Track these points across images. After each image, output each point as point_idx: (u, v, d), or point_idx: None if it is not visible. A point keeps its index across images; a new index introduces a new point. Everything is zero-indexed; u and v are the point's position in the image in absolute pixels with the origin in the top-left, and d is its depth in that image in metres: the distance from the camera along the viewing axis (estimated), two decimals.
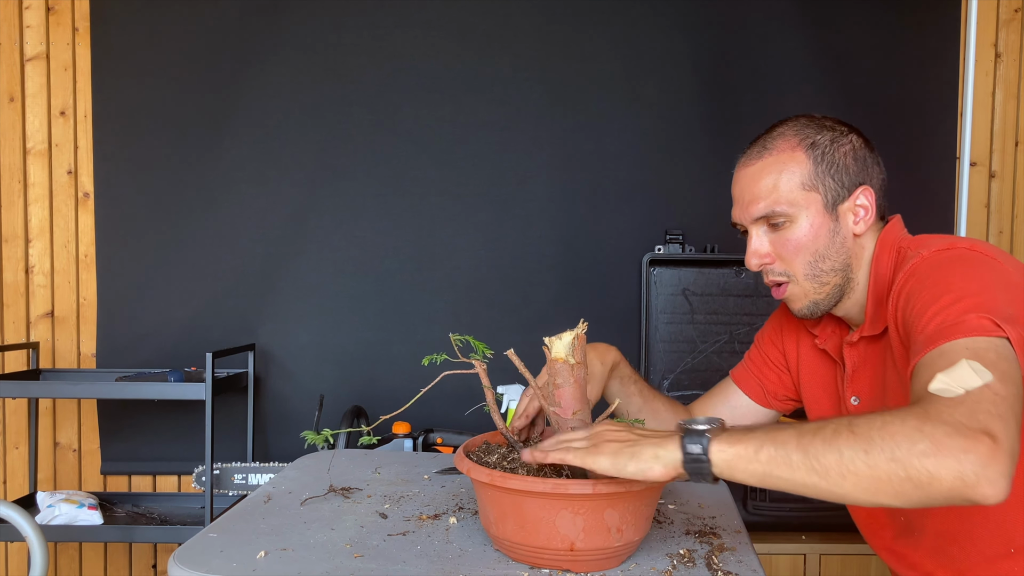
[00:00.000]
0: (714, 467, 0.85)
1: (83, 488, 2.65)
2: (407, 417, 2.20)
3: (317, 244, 2.62)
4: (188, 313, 2.61)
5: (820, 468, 0.81)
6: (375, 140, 2.61)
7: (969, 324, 0.90)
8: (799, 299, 1.17)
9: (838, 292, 1.16)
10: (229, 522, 1.13)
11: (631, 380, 1.33)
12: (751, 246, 1.17)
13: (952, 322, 0.91)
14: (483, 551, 1.02)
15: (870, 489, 0.80)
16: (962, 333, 0.89)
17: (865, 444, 0.80)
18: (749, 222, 1.16)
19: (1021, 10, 2.64)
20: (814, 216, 1.13)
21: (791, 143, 1.15)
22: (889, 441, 0.79)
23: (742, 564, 1.00)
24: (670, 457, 0.86)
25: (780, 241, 1.14)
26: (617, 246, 2.60)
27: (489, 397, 1.06)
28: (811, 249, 1.13)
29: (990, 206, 2.65)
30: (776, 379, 1.35)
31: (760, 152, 1.16)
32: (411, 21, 2.60)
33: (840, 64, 2.59)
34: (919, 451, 0.77)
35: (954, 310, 0.92)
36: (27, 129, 2.64)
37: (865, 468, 0.79)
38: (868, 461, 0.79)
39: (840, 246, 1.14)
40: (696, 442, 0.86)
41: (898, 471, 0.78)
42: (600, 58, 2.61)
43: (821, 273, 1.14)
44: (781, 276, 1.16)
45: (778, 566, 2.32)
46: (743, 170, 1.18)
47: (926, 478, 0.77)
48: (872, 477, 0.79)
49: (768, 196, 1.13)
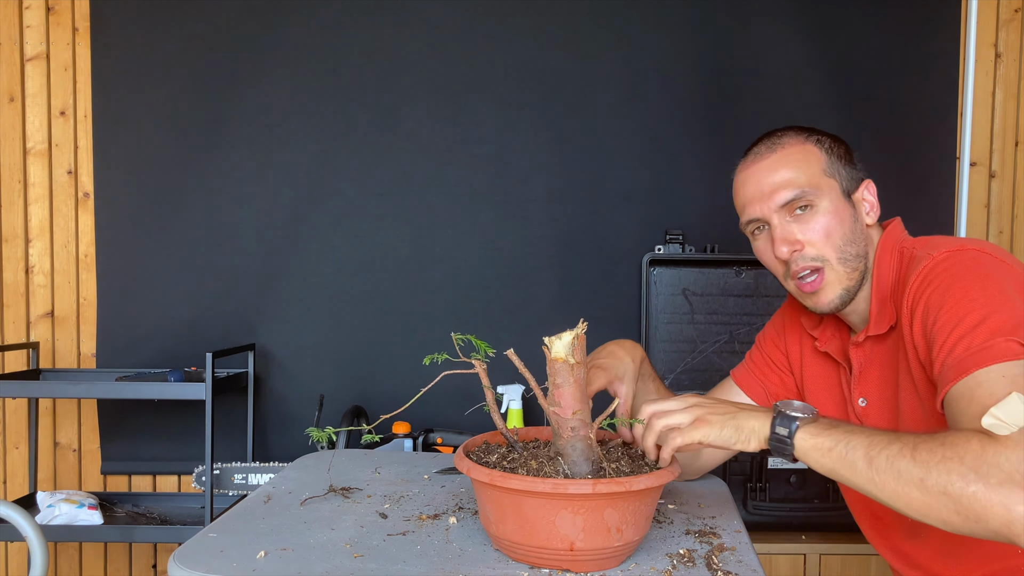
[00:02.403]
0: (796, 450, 0.96)
1: (83, 488, 2.65)
2: (407, 417, 2.20)
3: (317, 244, 2.62)
4: (188, 313, 2.61)
5: (879, 481, 0.89)
6: (375, 140, 2.61)
7: (999, 349, 0.92)
8: (834, 285, 1.15)
9: (861, 281, 1.16)
10: (229, 522, 1.13)
11: (651, 378, 1.34)
12: (778, 234, 1.15)
13: (980, 347, 0.93)
14: (483, 551, 1.02)
15: (920, 512, 0.88)
16: (993, 359, 0.91)
17: (923, 473, 0.86)
18: (773, 211, 1.15)
19: (1021, 10, 2.64)
20: (836, 201, 1.15)
21: (800, 139, 1.18)
22: (945, 476, 0.84)
23: (742, 564, 1.00)
24: (764, 433, 0.99)
25: (806, 228, 1.14)
26: (617, 246, 2.60)
27: (489, 397, 1.06)
28: (839, 232, 1.14)
29: (990, 206, 2.65)
30: (778, 380, 1.35)
31: (772, 148, 1.18)
32: (411, 21, 2.60)
33: (840, 64, 2.59)
34: (971, 493, 0.83)
35: (980, 333, 0.94)
36: (27, 129, 2.64)
37: (918, 494, 0.86)
38: (922, 489, 0.86)
39: (860, 233, 1.16)
40: (786, 426, 0.97)
41: (949, 504, 0.84)
42: (600, 58, 2.61)
43: (851, 258, 1.15)
44: (815, 261, 1.14)
45: (778, 566, 2.32)
46: (754, 166, 1.19)
47: (974, 517, 0.83)
48: (924, 503, 0.86)
49: (793, 182, 1.15)
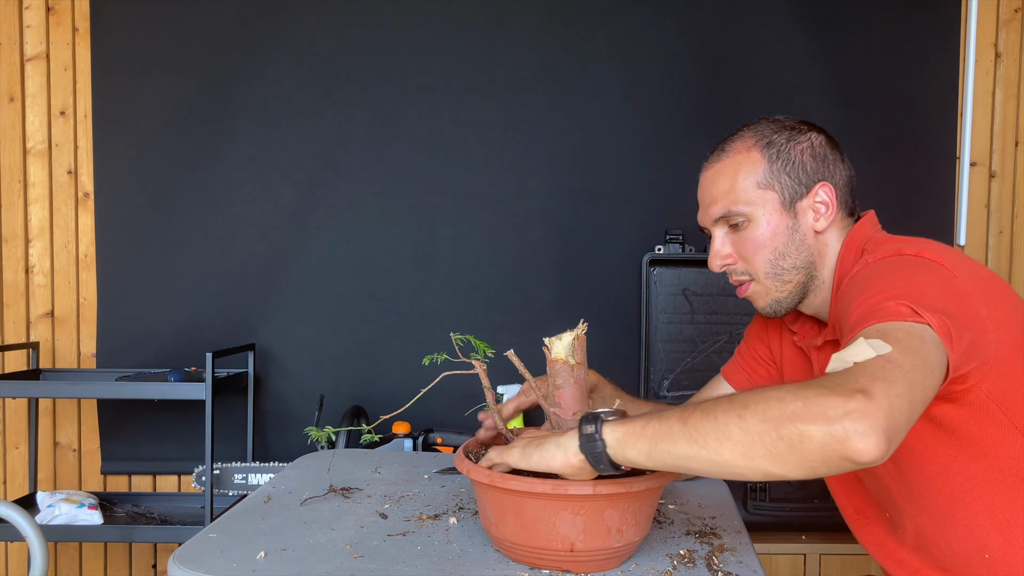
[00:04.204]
0: (608, 448, 0.88)
1: (83, 488, 2.65)
2: (407, 417, 2.20)
3: (317, 244, 2.62)
4: (188, 313, 2.61)
5: (699, 437, 0.82)
6: (375, 140, 2.61)
7: (887, 310, 0.89)
8: (761, 297, 1.17)
9: (801, 290, 1.16)
10: (229, 522, 1.13)
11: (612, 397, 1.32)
12: (713, 247, 1.19)
13: (870, 310, 0.90)
14: (483, 551, 1.02)
15: (747, 453, 0.80)
16: (877, 319, 0.88)
17: (740, 410, 0.81)
18: (710, 224, 1.18)
19: (1021, 10, 2.64)
20: (771, 214, 1.14)
21: (747, 144, 1.17)
22: (763, 404, 0.80)
23: (742, 564, 1.00)
24: (570, 444, 0.91)
25: (740, 241, 1.16)
26: (617, 246, 2.60)
27: (489, 397, 1.06)
28: (770, 247, 1.14)
29: (990, 206, 2.65)
30: (765, 373, 1.35)
31: (719, 155, 1.19)
32: (411, 21, 2.60)
33: (840, 64, 2.59)
34: (790, 412, 0.77)
35: (875, 299, 0.92)
36: (27, 129, 2.64)
37: (739, 432, 0.80)
38: (742, 425, 0.80)
39: (800, 243, 1.14)
40: (590, 423, 0.90)
41: (770, 431, 0.78)
42: (600, 58, 2.61)
43: (782, 271, 1.15)
44: (743, 275, 1.17)
45: (778, 566, 2.32)
46: (704, 173, 1.21)
47: (796, 437, 0.77)
48: (746, 441, 0.79)
49: (725, 197, 1.15)
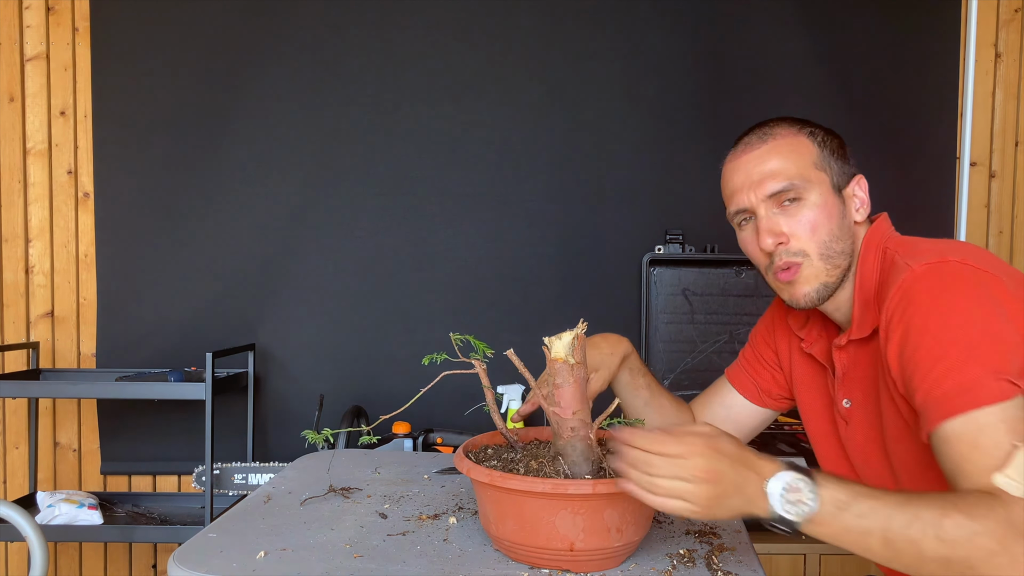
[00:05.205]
0: (821, 505, 0.86)
1: (83, 488, 2.65)
2: (407, 417, 2.20)
3: (317, 244, 2.62)
4: (188, 313, 2.61)
5: (900, 562, 0.88)
6: (375, 140, 2.61)
7: (991, 390, 0.91)
8: (810, 281, 1.12)
9: (842, 277, 1.14)
10: (229, 522, 1.13)
11: (640, 373, 1.33)
12: (764, 225, 1.13)
13: (970, 385, 0.92)
14: (483, 551, 1.02)
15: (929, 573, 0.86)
16: (986, 400, 0.91)
17: (948, 551, 0.85)
18: (760, 200, 1.13)
19: (1021, 10, 2.64)
20: (825, 195, 1.12)
21: (792, 130, 1.16)
22: (973, 552, 0.85)
23: (742, 564, 1.00)
24: (763, 504, 0.88)
25: (792, 220, 1.12)
26: (617, 246, 2.60)
27: (489, 397, 1.06)
28: (826, 228, 1.12)
29: (990, 206, 2.65)
30: (770, 377, 1.34)
31: (762, 138, 1.16)
32: (411, 21, 2.60)
33: (840, 64, 2.59)
34: (996, 564, 0.84)
35: (969, 372, 0.92)
36: (27, 129, 2.64)
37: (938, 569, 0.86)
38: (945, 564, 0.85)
39: (848, 229, 1.14)
40: (806, 476, 0.88)
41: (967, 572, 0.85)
42: (600, 58, 2.61)
43: (834, 254, 1.12)
44: (796, 257, 1.12)
45: (778, 566, 2.32)
46: (744, 156, 1.17)
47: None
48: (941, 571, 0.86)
49: (783, 172, 1.12)
